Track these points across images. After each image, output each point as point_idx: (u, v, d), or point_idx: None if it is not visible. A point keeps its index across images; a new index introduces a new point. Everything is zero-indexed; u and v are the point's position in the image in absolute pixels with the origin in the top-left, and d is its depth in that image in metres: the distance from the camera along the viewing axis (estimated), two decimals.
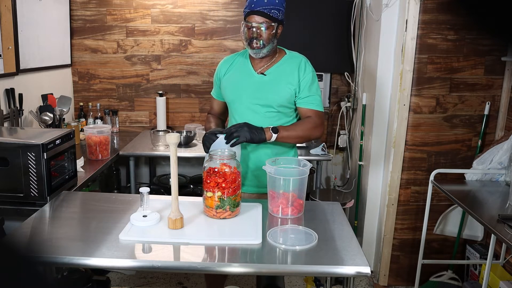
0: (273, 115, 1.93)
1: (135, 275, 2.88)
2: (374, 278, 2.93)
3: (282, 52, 2.00)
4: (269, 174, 1.70)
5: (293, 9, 3.25)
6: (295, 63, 1.94)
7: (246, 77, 1.95)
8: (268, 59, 1.95)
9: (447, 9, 2.48)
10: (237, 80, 1.97)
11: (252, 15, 1.83)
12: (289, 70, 1.93)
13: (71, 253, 1.42)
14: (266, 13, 1.82)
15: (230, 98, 2.00)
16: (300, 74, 1.91)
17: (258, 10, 1.81)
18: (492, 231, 1.85)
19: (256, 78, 1.94)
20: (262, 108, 1.92)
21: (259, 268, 1.41)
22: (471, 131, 2.67)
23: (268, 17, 1.82)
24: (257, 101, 1.92)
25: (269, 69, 1.94)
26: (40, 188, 1.84)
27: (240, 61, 2.01)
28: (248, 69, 1.96)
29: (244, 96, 1.94)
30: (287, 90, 1.90)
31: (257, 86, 1.92)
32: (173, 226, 1.56)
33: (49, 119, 2.66)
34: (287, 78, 1.91)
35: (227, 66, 2.02)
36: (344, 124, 3.43)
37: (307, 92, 1.91)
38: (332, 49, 3.29)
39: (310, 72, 1.93)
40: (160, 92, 3.40)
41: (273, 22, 1.84)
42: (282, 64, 1.94)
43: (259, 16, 1.82)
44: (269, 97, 1.91)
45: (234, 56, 2.05)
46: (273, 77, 1.92)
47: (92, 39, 3.41)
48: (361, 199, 3.05)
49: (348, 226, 1.66)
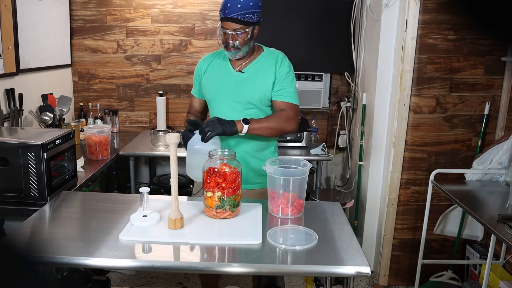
0: (252, 112, 1.94)
1: (135, 275, 2.87)
2: (374, 278, 2.93)
3: (260, 49, 2.01)
4: (269, 174, 1.70)
5: (293, 9, 3.25)
6: (272, 59, 1.95)
7: (225, 75, 1.97)
8: (247, 57, 1.96)
9: (447, 9, 2.48)
10: (216, 78, 1.98)
11: (226, 21, 1.82)
12: (266, 66, 1.94)
13: (71, 253, 1.42)
14: (240, 19, 1.81)
15: (210, 96, 2.01)
16: (276, 68, 1.92)
17: (232, 17, 1.80)
18: (492, 231, 1.85)
19: (235, 76, 1.95)
20: (241, 106, 1.93)
21: (259, 268, 1.41)
22: (471, 131, 2.67)
23: (242, 22, 1.81)
24: (236, 98, 1.93)
25: (247, 66, 1.95)
26: (40, 188, 1.84)
27: (219, 60, 2.02)
28: (227, 67, 1.98)
29: (223, 94, 1.95)
30: (265, 86, 1.92)
31: (235, 84, 1.94)
32: (173, 226, 1.56)
33: (49, 119, 2.66)
34: (264, 74, 1.93)
35: (207, 65, 2.04)
36: (344, 124, 3.43)
37: (281, 85, 1.93)
38: (332, 49, 3.29)
39: (286, 66, 1.94)
40: (160, 92, 3.40)
41: (247, 27, 1.83)
42: (260, 61, 1.96)
43: (233, 23, 1.81)
44: (248, 94, 1.92)
45: (214, 54, 2.06)
46: (251, 74, 1.94)
47: (92, 39, 3.41)
48: (361, 199, 3.05)
49: (348, 226, 1.66)
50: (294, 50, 3.30)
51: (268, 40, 3.22)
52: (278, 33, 3.27)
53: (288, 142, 3.06)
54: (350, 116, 3.35)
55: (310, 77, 3.38)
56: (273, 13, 3.25)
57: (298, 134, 3.04)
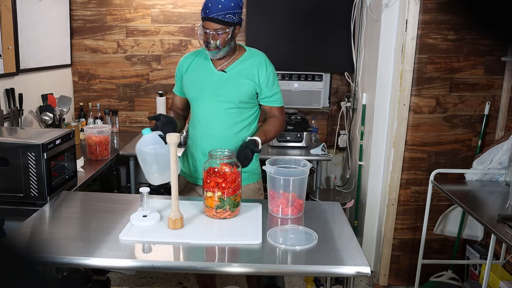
0: (234, 111, 1.94)
1: (135, 275, 2.87)
2: (374, 278, 2.93)
3: (242, 49, 2.01)
4: (269, 174, 1.70)
5: (293, 8, 3.25)
6: (255, 61, 1.96)
7: (207, 75, 1.97)
8: (228, 57, 1.96)
9: (447, 9, 2.48)
10: (198, 78, 1.98)
11: (207, 21, 1.83)
12: (249, 67, 1.94)
13: (71, 253, 1.42)
14: (221, 20, 1.81)
15: (191, 95, 2.01)
16: (260, 74, 1.93)
17: (212, 17, 1.80)
18: (492, 231, 1.85)
19: (217, 75, 1.95)
20: (223, 105, 1.93)
21: (259, 268, 1.41)
22: (471, 131, 2.67)
23: (223, 23, 1.81)
24: (218, 98, 1.93)
25: (229, 66, 1.95)
26: (40, 188, 1.84)
27: (200, 59, 2.02)
28: (209, 66, 1.98)
29: (205, 93, 1.95)
30: (247, 86, 1.92)
31: (217, 83, 1.94)
32: (173, 226, 1.56)
33: (49, 119, 2.66)
34: (247, 75, 1.93)
35: (188, 63, 2.04)
36: (344, 124, 3.43)
37: (270, 91, 1.96)
38: (332, 49, 3.29)
39: (271, 71, 1.96)
40: (160, 92, 3.40)
41: (228, 27, 1.83)
42: (242, 62, 1.96)
43: (213, 23, 1.81)
44: (230, 94, 1.92)
45: (195, 53, 2.06)
46: (233, 74, 1.94)
47: (92, 39, 3.41)
48: (361, 199, 3.05)
49: (348, 226, 1.66)
50: (294, 50, 3.30)
51: (268, 40, 3.25)
52: (278, 33, 3.27)
53: (288, 142, 3.06)
54: (350, 116, 3.35)
55: (310, 77, 3.38)
56: (273, 13, 3.25)
57: (298, 134, 3.04)
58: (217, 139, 1.94)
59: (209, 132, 1.96)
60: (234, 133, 1.95)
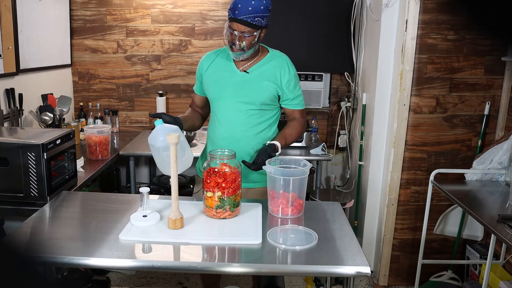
0: (254, 112, 1.94)
1: (135, 275, 2.87)
2: (374, 278, 2.93)
3: (265, 50, 2.00)
4: (269, 174, 1.70)
5: (293, 8, 3.25)
6: (278, 63, 1.95)
7: (229, 75, 1.95)
8: (251, 58, 1.95)
9: (447, 9, 2.48)
10: (219, 78, 1.97)
11: (235, 22, 1.80)
12: (272, 69, 1.94)
13: (71, 253, 1.42)
14: (250, 22, 1.78)
15: (212, 95, 2.00)
16: (282, 76, 1.93)
17: (241, 19, 1.78)
18: (492, 231, 1.85)
19: (239, 76, 1.94)
20: (244, 106, 1.93)
21: (259, 268, 1.41)
22: (471, 131, 2.67)
23: (251, 25, 1.79)
24: (240, 98, 1.92)
25: (252, 67, 1.94)
26: (40, 188, 1.84)
27: (222, 58, 2.00)
28: (231, 66, 1.96)
29: (226, 93, 1.94)
30: (269, 88, 1.92)
31: (239, 84, 1.93)
32: (173, 226, 1.56)
33: (49, 119, 2.66)
34: (269, 77, 1.92)
35: (209, 62, 2.01)
36: (344, 124, 3.43)
37: (292, 94, 1.96)
38: (332, 49, 3.29)
39: (293, 74, 1.96)
40: (160, 92, 3.40)
41: (256, 30, 1.82)
42: (265, 63, 1.95)
43: (242, 25, 1.79)
44: (252, 95, 1.92)
45: (217, 52, 2.04)
46: (256, 75, 1.93)
47: (92, 39, 3.41)
48: (361, 199, 3.05)
49: (348, 226, 1.66)
50: (294, 50, 3.30)
51: (268, 40, 3.23)
52: (278, 33, 3.26)
53: None
54: (350, 116, 3.35)
55: (310, 77, 3.38)
56: (273, 13, 3.24)
57: None
58: (237, 140, 1.94)
59: (229, 133, 1.95)
60: (254, 134, 1.94)
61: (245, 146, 1.94)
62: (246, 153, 1.94)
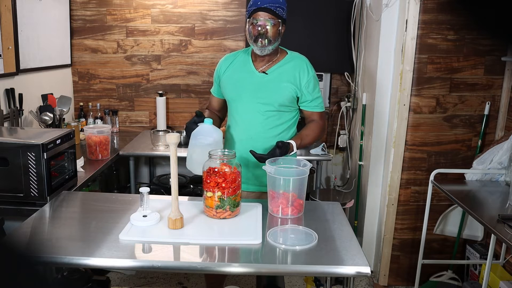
0: (273, 113, 1.93)
1: (135, 275, 2.88)
2: (374, 278, 2.93)
3: (283, 52, 2.01)
4: (269, 174, 1.70)
5: (293, 9, 3.24)
6: (297, 64, 1.95)
7: (247, 76, 1.95)
8: (269, 59, 1.95)
9: (447, 9, 2.48)
10: (238, 79, 1.97)
11: (258, 12, 1.84)
12: (290, 70, 1.93)
13: (71, 253, 1.42)
14: (273, 10, 1.83)
15: (230, 96, 2.00)
16: (302, 77, 1.92)
17: (265, 7, 1.83)
18: (492, 231, 1.85)
19: (258, 77, 1.94)
20: (262, 107, 1.93)
21: (259, 268, 1.41)
22: (471, 131, 2.67)
23: (275, 14, 1.84)
24: (258, 100, 1.92)
25: (271, 68, 1.94)
26: (40, 188, 1.84)
27: (241, 60, 2.01)
28: (250, 67, 1.96)
29: (245, 94, 1.94)
30: (288, 89, 1.91)
31: (258, 84, 1.93)
32: (173, 226, 1.56)
33: (49, 119, 2.66)
34: (288, 78, 1.92)
35: (228, 64, 2.02)
36: (344, 124, 3.43)
37: (311, 96, 1.95)
38: (332, 49, 3.29)
39: (312, 75, 1.96)
40: (160, 92, 3.40)
41: (279, 19, 1.85)
42: (284, 64, 1.95)
43: (265, 13, 1.83)
44: (271, 96, 1.91)
45: (236, 54, 2.05)
46: (275, 77, 1.93)
47: (92, 39, 3.41)
48: (361, 199, 3.05)
49: (348, 226, 1.66)
50: (294, 50, 3.29)
51: None
52: None
53: None
54: (350, 116, 3.35)
55: None
56: None
57: None
58: (255, 142, 1.93)
59: (247, 135, 1.95)
60: (272, 136, 1.94)
61: (262, 148, 1.92)
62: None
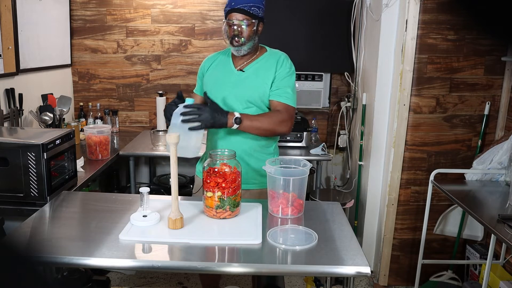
0: (252, 111, 1.93)
1: (135, 275, 2.87)
2: (374, 278, 2.93)
3: (263, 49, 2.01)
4: (269, 174, 1.70)
5: (293, 9, 3.25)
6: (274, 59, 1.95)
7: (226, 74, 1.98)
8: (249, 56, 1.97)
9: (447, 9, 2.48)
10: (218, 77, 2.00)
11: (232, 13, 1.87)
12: (267, 66, 1.94)
13: (71, 253, 1.42)
14: (247, 11, 1.85)
15: (210, 94, 2.00)
16: (276, 69, 1.93)
17: (239, 7, 1.85)
18: (492, 231, 1.85)
19: (236, 75, 1.96)
20: (241, 105, 1.93)
21: (259, 268, 1.41)
22: (471, 131, 2.67)
23: (249, 14, 1.86)
24: (236, 97, 1.93)
25: (248, 65, 1.96)
26: (40, 188, 1.84)
27: (222, 59, 2.04)
28: (229, 66, 1.99)
29: (224, 92, 1.95)
30: (264, 86, 1.92)
31: (235, 82, 1.94)
32: (173, 226, 1.56)
33: (49, 119, 2.66)
34: (265, 74, 1.92)
35: (210, 63, 2.05)
36: (344, 124, 3.43)
37: (279, 84, 1.92)
38: (332, 49, 3.29)
39: (287, 67, 1.94)
40: (160, 92, 3.40)
41: (253, 19, 1.87)
42: (261, 61, 1.96)
43: (239, 14, 1.85)
44: (247, 93, 1.92)
45: (218, 54, 2.08)
46: (251, 73, 1.94)
47: (92, 39, 3.41)
48: (361, 199, 3.05)
49: (348, 226, 1.66)
50: (294, 50, 3.30)
51: (268, 40, 3.23)
52: (278, 33, 3.26)
53: (288, 142, 3.06)
54: (350, 116, 3.35)
55: (310, 77, 3.38)
56: (273, 13, 3.25)
57: (298, 134, 3.04)
58: (234, 139, 1.93)
59: (227, 133, 1.95)
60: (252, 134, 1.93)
61: (242, 145, 1.92)
62: (244, 152, 1.93)
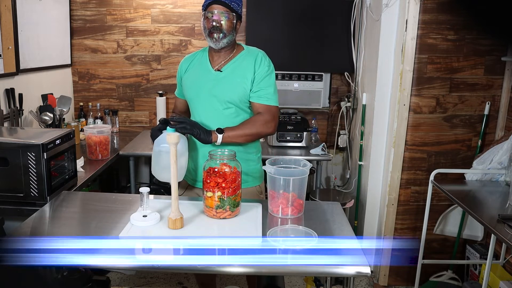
0: (231, 111, 1.93)
1: (135, 275, 2.88)
2: (374, 278, 2.93)
3: (240, 48, 2.00)
4: (269, 174, 1.70)
5: (293, 8, 3.25)
6: (251, 58, 1.93)
7: (204, 74, 1.96)
8: (226, 55, 1.95)
9: (447, 9, 2.48)
10: (196, 78, 1.98)
11: (213, 5, 1.87)
12: (245, 65, 1.93)
13: (71, 253, 1.42)
14: (227, 3, 1.86)
15: (189, 96, 2.01)
16: (255, 69, 1.91)
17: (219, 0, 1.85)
18: (492, 231, 1.85)
19: (213, 75, 1.94)
20: (219, 105, 1.92)
21: (259, 268, 1.41)
22: (471, 131, 2.67)
23: (229, 7, 1.86)
24: (214, 97, 1.92)
25: (225, 65, 1.95)
26: (40, 188, 1.84)
27: (199, 59, 2.02)
28: (206, 66, 1.97)
29: (202, 93, 1.95)
30: (243, 86, 1.90)
31: (213, 82, 1.93)
32: (173, 226, 1.56)
33: (49, 119, 2.66)
34: (243, 73, 1.91)
35: (187, 64, 2.04)
36: (344, 124, 3.43)
37: (259, 86, 1.91)
38: (332, 49, 3.29)
39: (266, 66, 1.92)
40: (160, 92, 3.41)
41: (233, 12, 1.87)
42: (238, 60, 1.95)
43: (220, 6, 1.86)
44: (226, 93, 1.91)
45: (195, 54, 2.07)
46: (229, 73, 1.93)
47: (92, 39, 3.41)
48: (361, 199, 3.05)
49: (348, 226, 1.66)
50: (294, 50, 3.30)
51: (268, 40, 3.24)
52: (278, 33, 3.27)
53: (288, 142, 3.06)
54: (350, 116, 3.35)
55: (310, 77, 3.38)
56: (272, 13, 3.25)
57: (298, 134, 3.04)
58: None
59: None
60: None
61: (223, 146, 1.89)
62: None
